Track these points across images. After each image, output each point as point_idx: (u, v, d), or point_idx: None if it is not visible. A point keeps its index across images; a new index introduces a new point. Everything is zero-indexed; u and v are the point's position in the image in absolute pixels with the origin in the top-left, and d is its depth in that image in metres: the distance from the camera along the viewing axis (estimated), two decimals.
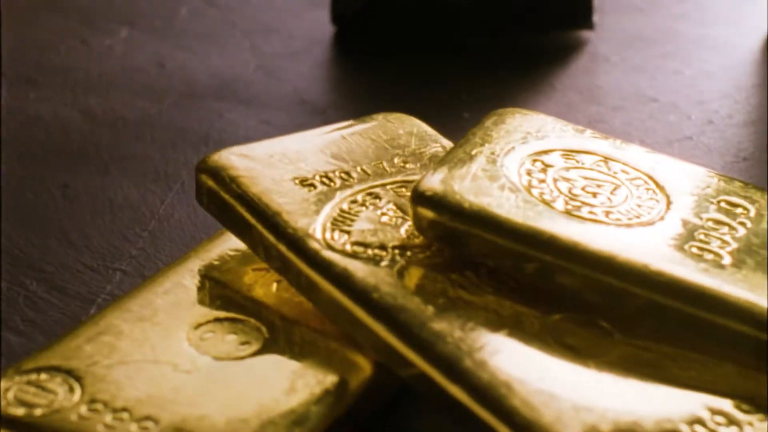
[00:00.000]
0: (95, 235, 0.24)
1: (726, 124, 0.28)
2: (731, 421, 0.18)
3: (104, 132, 0.29)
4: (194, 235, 0.24)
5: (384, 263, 0.20)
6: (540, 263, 0.20)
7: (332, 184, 0.22)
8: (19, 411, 0.18)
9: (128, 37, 0.34)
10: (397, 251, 0.20)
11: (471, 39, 0.33)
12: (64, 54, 0.33)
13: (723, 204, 0.22)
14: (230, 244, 0.22)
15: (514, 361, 0.18)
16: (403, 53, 0.32)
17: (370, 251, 0.20)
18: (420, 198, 0.20)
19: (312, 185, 0.22)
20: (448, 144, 0.24)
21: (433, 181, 0.20)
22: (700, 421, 0.18)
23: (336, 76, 0.33)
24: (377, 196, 0.22)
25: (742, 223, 0.21)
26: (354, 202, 0.21)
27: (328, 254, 0.20)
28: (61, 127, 0.29)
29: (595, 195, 0.21)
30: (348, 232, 0.21)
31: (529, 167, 0.22)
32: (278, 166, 0.22)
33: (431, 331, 0.19)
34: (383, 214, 0.21)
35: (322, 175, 0.22)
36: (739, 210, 0.21)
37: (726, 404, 0.18)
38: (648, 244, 0.20)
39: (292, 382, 0.19)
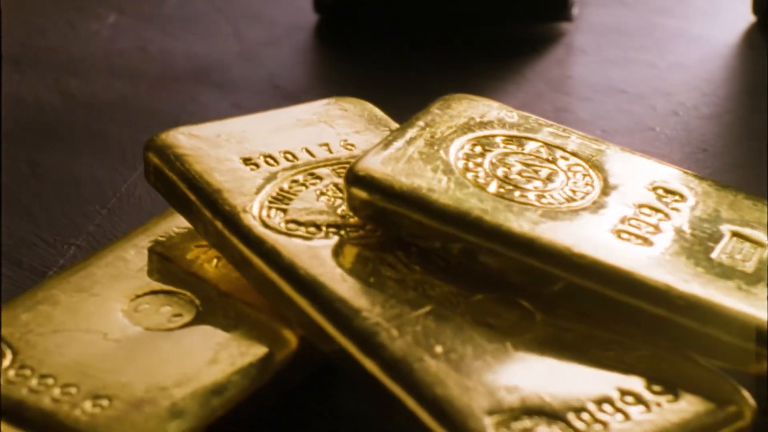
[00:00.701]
0: (56, 210, 0.25)
1: (691, 116, 0.29)
2: (639, 401, 0.18)
3: (80, 113, 0.29)
4: (152, 213, 0.25)
5: (316, 241, 0.20)
6: (465, 244, 0.20)
7: (276, 164, 0.22)
8: None
9: (115, 23, 0.35)
10: (331, 230, 0.21)
11: (451, 31, 0.33)
12: (51, 37, 0.34)
13: (660, 191, 0.22)
14: (177, 221, 0.23)
15: (430, 338, 0.19)
16: (383, 43, 0.33)
17: (303, 229, 0.21)
18: (353, 178, 0.21)
19: (255, 165, 0.22)
20: None
21: (367, 162, 0.21)
22: (608, 400, 0.18)
23: (314, 64, 0.33)
24: (318, 177, 0.22)
25: (676, 209, 0.21)
26: (295, 182, 0.22)
27: (261, 231, 0.20)
28: (38, 107, 0.30)
29: (530, 180, 0.21)
30: (284, 211, 0.21)
31: (468, 151, 0.22)
32: (224, 145, 0.22)
33: (351, 307, 0.19)
34: (322, 194, 0.22)
35: (266, 155, 0.22)
36: (675, 197, 0.22)
37: (638, 385, 0.18)
38: (574, 227, 0.20)
39: (217, 353, 0.19)
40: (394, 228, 0.20)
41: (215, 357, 0.19)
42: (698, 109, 0.29)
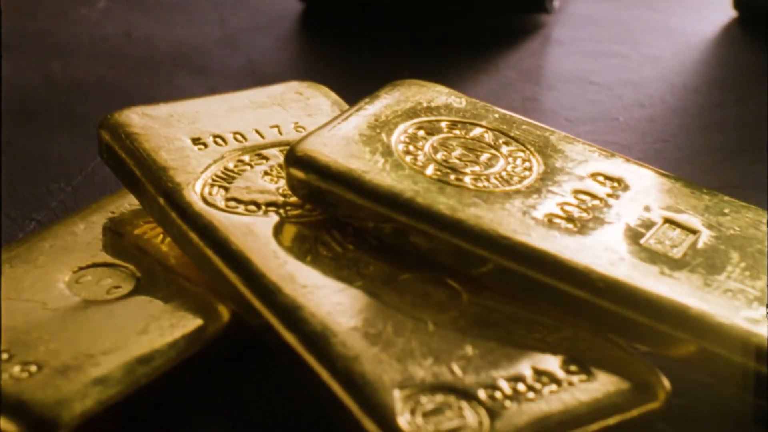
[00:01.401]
0: (22, 186, 0.26)
1: (656, 107, 0.29)
2: (552, 380, 0.18)
3: (58, 95, 0.30)
4: (115, 191, 0.26)
5: (254, 219, 0.21)
6: (396, 224, 0.20)
7: (224, 144, 0.23)
8: None
9: (105, 8, 0.35)
10: (270, 208, 0.21)
11: (432, 22, 0.34)
12: (40, 21, 0.34)
13: (599, 178, 0.22)
14: (130, 199, 0.23)
15: (351, 314, 0.19)
16: (363, 32, 0.33)
17: (242, 207, 0.21)
18: (292, 158, 0.21)
19: (204, 144, 0.23)
20: None
21: (307, 143, 0.21)
22: (521, 378, 0.18)
23: (293, 51, 0.34)
24: (265, 158, 0.23)
25: (612, 196, 0.22)
26: (241, 161, 0.22)
27: (201, 207, 0.21)
28: (18, 89, 0.30)
29: (468, 163, 0.22)
30: (226, 189, 0.22)
31: (410, 135, 0.22)
32: (175, 125, 0.23)
33: (277, 282, 0.19)
34: (266, 174, 0.22)
35: (216, 135, 0.23)
36: (613, 184, 0.22)
37: (554, 365, 0.19)
38: (505, 210, 0.21)
39: (148, 324, 0.20)
40: (330, 208, 0.21)
41: (146, 328, 0.20)
42: (665, 100, 0.29)
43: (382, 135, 0.22)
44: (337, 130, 0.22)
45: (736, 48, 0.32)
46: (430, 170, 0.21)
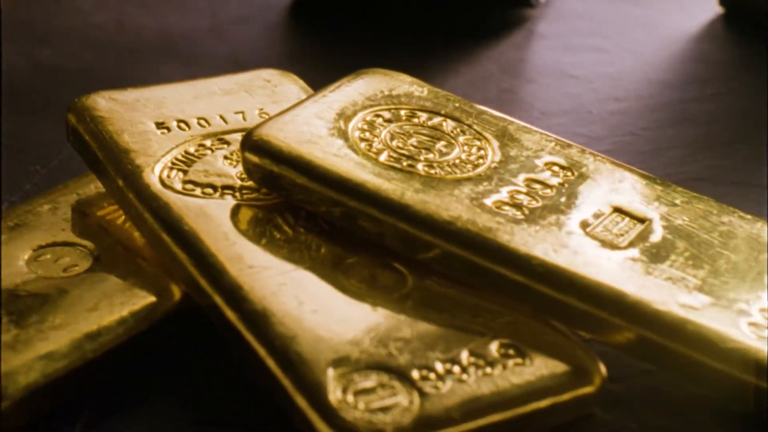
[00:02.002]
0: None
1: (631, 101, 0.29)
2: (487, 363, 0.19)
3: (45, 80, 0.31)
4: (85, 174, 0.26)
5: (209, 201, 0.21)
6: (345, 209, 0.21)
7: (187, 128, 0.23)
8: None
9: None
10: (226, 192, 0.22)
11: (419, 14, 0.34)
12: (35, 9, 0.35)
13: (554, 167, 0.22)
14: (97, 181, 0.24)
15: (295, 295, 0.19)
16: (350, 25, 0.34)
17: (199, 190, 0.22)
18: (247, 143, 0.22)
19: (168, 128, 0.23)
20: None
21: (263, 128, 0.22)
22: (456, 360, 0.19)
23: (279, 42, 0.34)
24: (227, 142, 0.23)
25: (563, 185, 0.22)
26: (202, 146, 0.23)
27: (157, 189, 0.21)
28: (7, 75, 0.31)
29: (423, 151, 0.22)
30: (185, 172, 0.22)
31: (369, 122, 0.23)
32: (141, 109, 0.23)
33: (224, 262, 0.20)
34: (226, 158, 0.23)
35: (180, 120, 0.23)
36: (566, 173, 0.22)
37: (490, 348, 0.19)
38: (453, 197, 0.21)
39: (99, 301, 0.20)
40: (283, 192, 0.21)
41: (96, 305, 0.20)
42: (640, 95, 0.29)
43: (340, 122, 0.22)
44: (295, 116, 0.22)
45: (718, 44, 0.32)
46: (383, 157, 0.22)
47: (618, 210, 0.22)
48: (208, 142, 0.23)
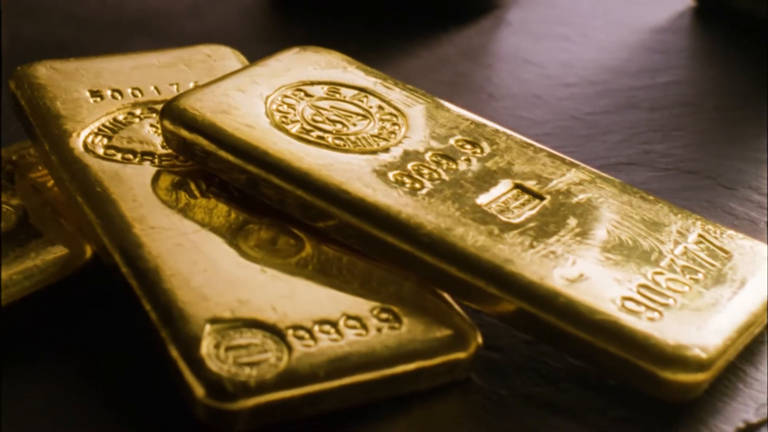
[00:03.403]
0: None
1: (582, 87, 0.30)
2: (361, 325, 0.19)
3: (20, 53, 0.32)
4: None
5: (126, 166, 0.22)
6: (249, 175, 0.22)
7: (120, 97, 0.24)
8: None
9: None
10: (146, 157, 0.23)
11: (396, 6, 0.35)
12: None
13: (463, 144, 0.23)
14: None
15: (189, 255, 0.20)
16: (327, 9, 0.34)
17: (120, 155, 0.23)
18: (166, 111, 0.22)
19: (101, 97, 0.24)
20: None
21: (183, 98, 0.23)
22: (331, 322, 0.19)
23: (257, 23, 0.35)
24: (156, 111, 0.24)
25: (468, 161, 0.23)
26: (131, 114, 0.24)
27: (79, 153, 0.22)
28: None
29: (335, 123, 0.23)
30: (109, 138, 0.23)
31: (289, 95, 0.23)
32: (78, 78, 0.25)
33: (127, 222, 0.21)
34: (152, 126, 0.24)
35: (114, 89, 0.24)
36: (475, 149, 0.23)
37: (367, 311, 0.20)
38: (354, 168, 0.22)
39: (14, 258, 0.21)
40: (197, 158, 0.22)
41: (8, 260, 0.21)
42: (592, 82, 0.30)
43: (260, 93, 0.23)
44: (216, 87, 0.23)
45: (681, 35, 0.32)
46: (295, 129, 0.22)
47: (519, 186, 0.22)
48: (138, 111, 0.24)
